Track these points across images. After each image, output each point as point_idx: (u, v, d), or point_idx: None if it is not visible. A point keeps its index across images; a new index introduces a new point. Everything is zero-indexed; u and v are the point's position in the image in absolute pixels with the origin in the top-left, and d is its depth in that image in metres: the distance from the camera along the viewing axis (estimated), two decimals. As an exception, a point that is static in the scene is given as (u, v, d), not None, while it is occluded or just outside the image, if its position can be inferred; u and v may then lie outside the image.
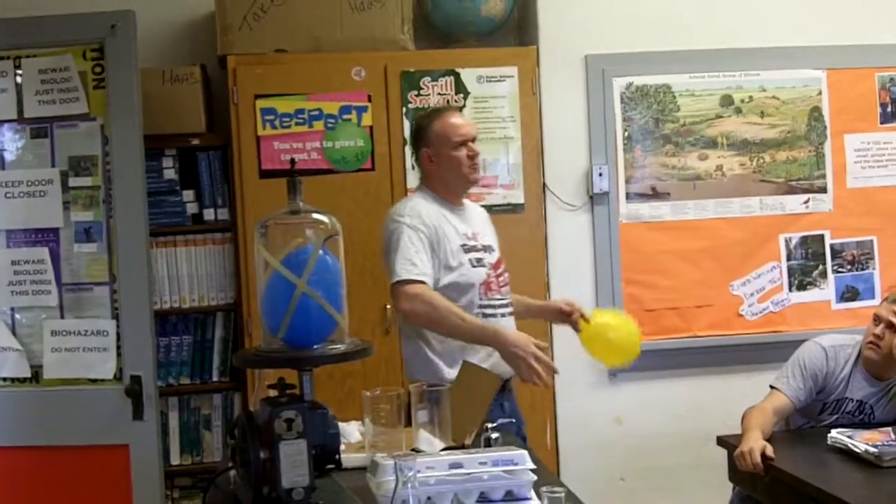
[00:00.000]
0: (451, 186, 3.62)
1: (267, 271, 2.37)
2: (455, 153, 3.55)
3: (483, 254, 3.58)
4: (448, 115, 3.66)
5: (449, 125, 3.58)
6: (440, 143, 3.56)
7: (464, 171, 3.57)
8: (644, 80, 4.80)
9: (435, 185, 3.62)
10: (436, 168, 3.59)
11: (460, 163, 3.56)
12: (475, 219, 3.71)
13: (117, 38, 3.92)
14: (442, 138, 3.56)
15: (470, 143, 3.58)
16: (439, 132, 3.57)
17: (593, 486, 4.54)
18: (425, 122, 3.65)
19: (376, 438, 2.75)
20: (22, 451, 3.99)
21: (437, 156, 3.57)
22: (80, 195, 4.00)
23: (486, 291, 3.53)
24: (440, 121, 3.60)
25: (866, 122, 4.93)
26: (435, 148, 3.57)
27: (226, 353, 4.62)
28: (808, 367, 3.86)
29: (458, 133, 3.57)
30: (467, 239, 3.55)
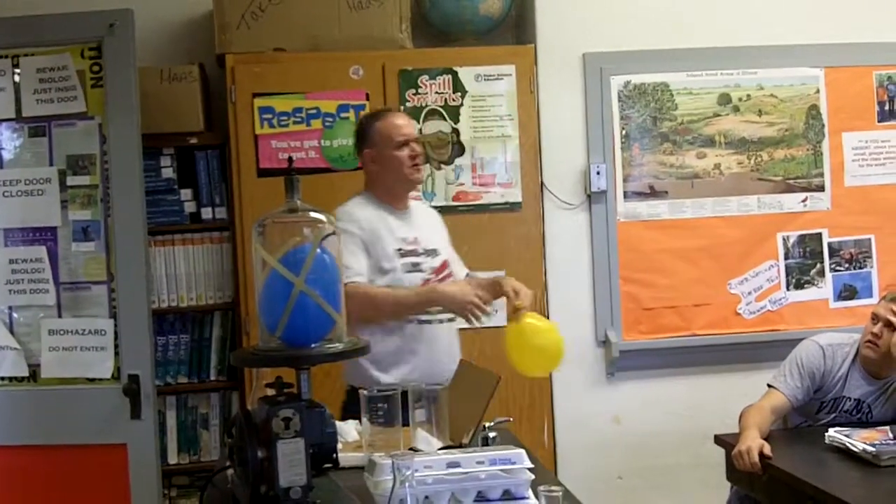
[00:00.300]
0: (393, 188, 3.60)
1: (265, 270, 2.37)
2: (397, 153, 3.55)
3: (422, 258, 3.57)
4: (390, 115, 3.65)
5: (391, 125, 3.57)
6: (382, 144, 3.56)
7: (405, 172, 3.56)
8: (642, 79, 4.80)
9: (377, 187, 3.61)
10: (378, 169, 3.58)
11: (402, 163, 3.55)
12: (421, 222, 3.69)
13: (115, 37, 3.91)
14: (384, 139, 3.56)
15: (412, 143, 3.58)
16: (381, 132, 3.56)
17: (591, 486, 4.55)
18: (367, 122, 3.65)
19: (374, 437, 2.75)
20: (20, 450, 3.98)
21: (380, 156, 3.57)
22: (78, 194, 3.99)
23: None
24: (382, 121, 3.60)
25: (864, 120, 4.93)
26: (377, 148, 3.57)
27: (223, 352, 4.62)
28: (805, 366, 3.86)
29: (400, 133, 3.56)
30: (405, 244, 3.54)
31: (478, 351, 4.47)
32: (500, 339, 4.47)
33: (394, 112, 3.76)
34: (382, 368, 3.45)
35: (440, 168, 4.55)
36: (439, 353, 3.52)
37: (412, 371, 3.42)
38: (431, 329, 3.53)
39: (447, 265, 3.66)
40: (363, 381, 3.34)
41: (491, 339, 4.50)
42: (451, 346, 3.63)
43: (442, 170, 4.55)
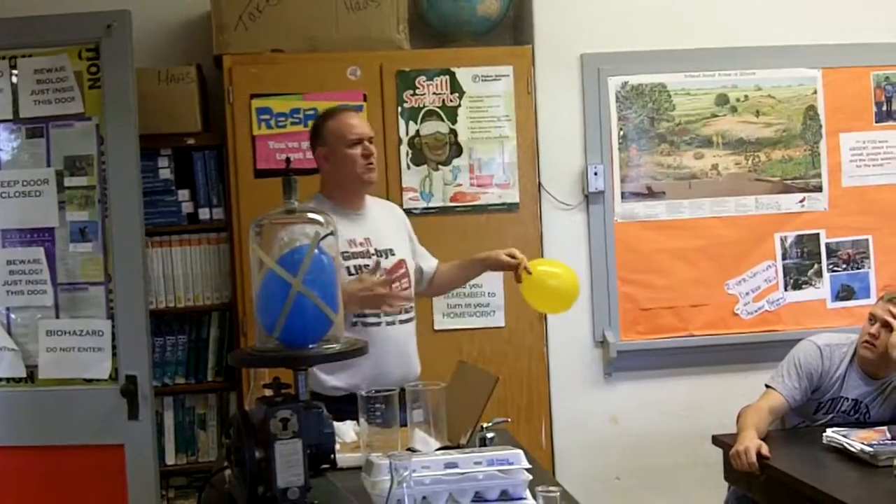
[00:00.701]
0: (345, 187, 3.55)
1: (262, 271, 2.37)
2: (349, 151, 3.49)
3: (370, 260, 3.48)
4: (344, 114, 3.60)
5: (344, 124, 3.53)
6: (335, 142, 3.51)
7: (358, 171, 3.50)
8: (639, 80, 4.80)
9: (330, 188, 3.57)
10: (330, 168, 3.53)
11: (354, 161, 3.49)
12: (377, 222, 3.63)
13: (113, 38, 3.92)
14: (336, 137, 3.51)
15: (366, 143, 3.53)
16: (334, 131, 3.52)
17: (589, 486, 4.55)
18: (321, 121, 3.59)
19: (371, 438, 2.75)
20: (17, 450, 3.98)
21: (332, 155, 3.52)
22: (76, 195, 3.99)
23: None
24: (335, 120, 3.54)
25: (861, 120, 4.93)
26: (330, 147, 3.52)
27: (221, 352, 4.62)
28: (803, 366, 3.86)
29: (353, 132, 3.51)
30: (352, 245, 3.47)
31: (477, 351, 4.49)
32: (499, 339, 4.51)
33: (348, 111, 3.68)
34: (329, 371, 3.38)
35: (438, 169, 4.54)
36: (387, 357, 3.43)
37: (355, 374, 3.35)
38: (379, 332, 3.45)
39: (403, 265, 3.58)
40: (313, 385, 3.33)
41: (490, 338, 4.53)
42: (403, 349, 3.55)
43: (439, 171, 4.54)
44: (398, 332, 3.52)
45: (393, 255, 3.57)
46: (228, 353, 4.59)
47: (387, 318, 3.48)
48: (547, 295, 3.62)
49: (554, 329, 4.70)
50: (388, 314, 3.48)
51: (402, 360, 3.50)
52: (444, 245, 4.35)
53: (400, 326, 3.53)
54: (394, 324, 3.50)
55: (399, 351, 3.51)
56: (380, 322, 3.47)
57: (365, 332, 3.40)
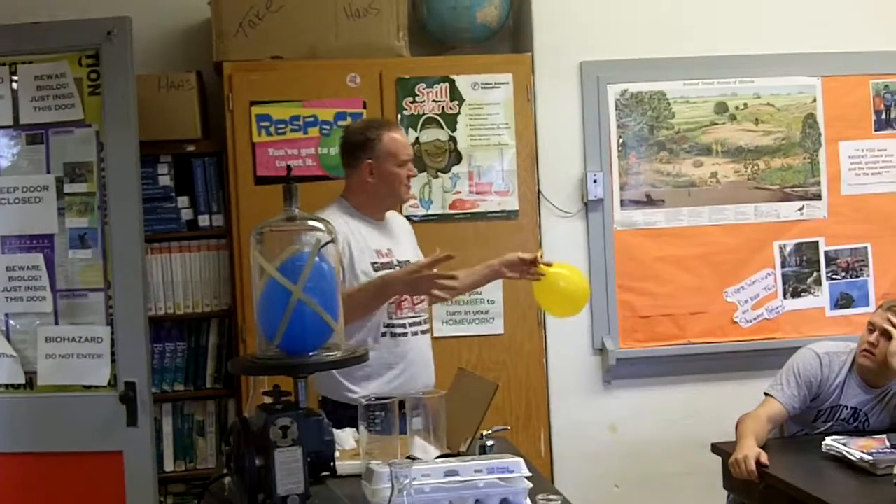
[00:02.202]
0: (381, 201, 3.60)
1: (263, 278, 2.37)
2: (397, 170, 3.53)
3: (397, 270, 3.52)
4: (394, 129, 3.63)
5: (398, 142, 3.55)
6: (385, 159, 3.52)
7: (401, 189, 3.56)
8: (639, 87, 4.80)
9: (361, 198, 3.58)
10: (374, 182, 3.54)
11: (401, 181, 3.54)
12: (395, 231, 3.68)
13: (113, 45, 3.92)
14: (389, 154, 3.52)
15: (410, 164, 3.59)
16: (388, 147, 3.52)
17: (588, 494, 4.55)
18: (372, 134, 3.57)
19: (371, 446, 2.75)
20: (16, 457, 3.98)
21: (379, 170, 3.53)
22: (76, 201, 4.00)
23: (396, 310, 3.50)
24: (389, 135, 3.55)
25: (861, 129, 4.93)
26: (379, 162, 3.52)
27: (220, 359, 4.61)
28: (802, 375, 3.86)
29: (406, 152, 3.57)
30: (380, 256, 3.51)
31: (476, 358, 4.49)
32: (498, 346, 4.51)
33: (397, 127, 3.75)
34: (354, 381, 3.41)
35: (437, 176, 4.55)
36: (414, 366, 3.51)
37: (387, 384, 3.40)
38: (407, 342, 3.52)
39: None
40: (334, 393, 3.38)
41: (489, 346, 4.52)
42: (427, 357, 3.62)
43: (439, 178, 4.54)
44: (422, 341, 3.60)
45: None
46: (228, 360, 4.58)
47: (412, 329, 3.54)
48: (556, 297, 3.65)
49: (553, 337, 4.70)
50: (417, 324, 3.54)
51: (426, 369, 3.57)
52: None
53: (422, 336, 3.60)
54: (417, 334, 3.56)
55: (423, 359, 3.58)
56: (406, 332, 3.52)
57: (394, 342, 3.48)
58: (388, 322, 3.49)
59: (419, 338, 3.58)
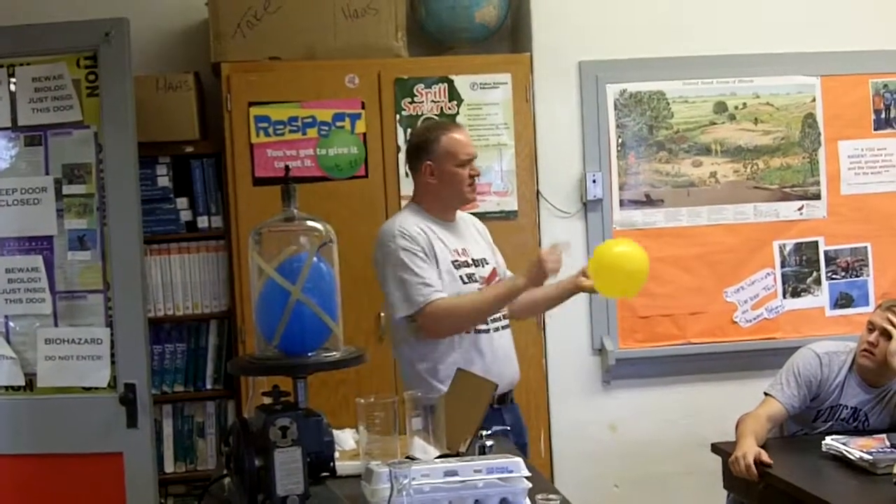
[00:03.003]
0: (446, 203, 3.63)
1: (261, 279, 2.37)
2: (458, 170, 3.56)
3: (474, 268, 3.59)
4: (456, 130, 3.66)
5: (457, 142, 3.58)
6: (445, 159, 3.56)
7: (463, 190, 3.59)
8: (638, 87, 4.80)
9: (428, 200, 3.62)
10: (436, 183, 3.58)
11: (462, 181, 3.57)
12: (467, 232, 3.72)
13: (111, 46, 3.92)
14: (448, 154, 3.56)
15: (472, 163, 3.60)
16: (446, 147, 3.56)
17: (587, 494, 4.55)
18: (432, 135, 3.62)
19: (371, 446, 2.75)
20: (16, 459, 3.98)
21: (440, 171, 3.56)
22: (74, 203, 3.99)
23: None
24: (448, 135, 3.59)
25: (860, 128, 4.93)
26: (438, 163, 3.56)
27: (220, 360, 4.61)
28: (802, 374, 3.86)
29: (465, 151, 3.58)
30: (458, 255, 3.56)
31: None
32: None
33: (458, 127, 3.76)
34: (440, 380, 3.44)
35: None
36: (497, 361, 3.54)
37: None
38: (489, 338, 3.55)
39: (496, 274, 3.68)
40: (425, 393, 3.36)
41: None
42: (509, 352, 3.66)
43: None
44: (504, 337, 3.63)
45: (487, 264, 3.68)
46: (227, 361, 4.58)
47: (493, 325, 3.57)
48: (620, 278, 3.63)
49: (552, 337, 4.70)
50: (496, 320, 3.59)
51: (509, 364, 3.61)
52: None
53: (503, 332, 3.64)
54: (499, 329, 3.60)
55: (506, 354, 3.62)
56: (488, 329, 3.55)
57: (478, 339, 3.53)
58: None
59: (501, 333, 3.61)
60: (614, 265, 3.59)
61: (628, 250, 3.66)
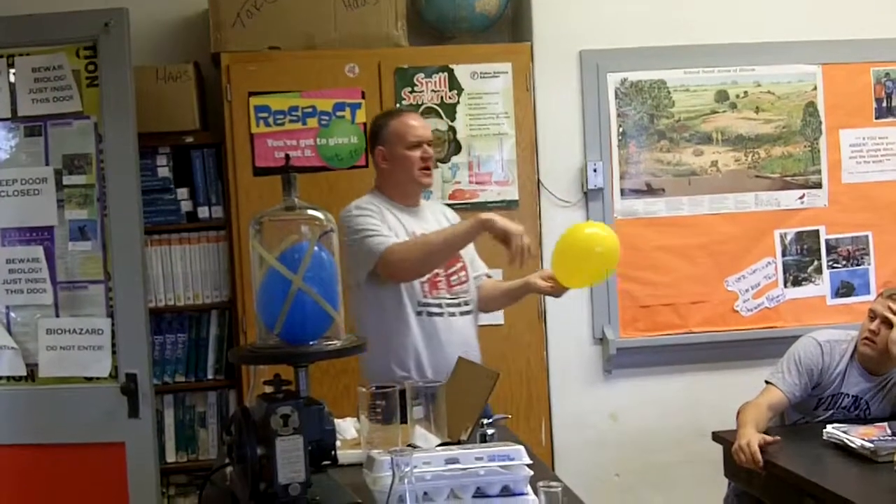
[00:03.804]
0: (402, 187, 3.61)
1: (262, 268, 2.37)
2: (409, 153, 3.55)
3: None
4: (405, 115, 3.67)
5: (405, 125, 3.58)
6: (395, 143, 3.57)
7: (414, 173, 3.56)
8: (639, 76, 4.80)
9: (386, 185, 3.62)
10: (388, 167, 3.59)
11: (413, 163, 3.55)
12: (432, 218, 3.69)
13: (110, 37, 3.91)
14: (397, 137, 3.56)
15: (425, 146, 3.58)
16: (395, 131, 3.57)
17: (588, 483, 4.55)
18: (382, 120, 3.66)
19: (372, 435, 2.75)
20: (18, 449, 3.98)
21: (391, 155, 3.57)
22: (75, 193, 3.99)
23: (430, 290, 3.52)
24: (397, 120, 3.61)
25: (861, 117, 4.93)
26: (389, 147, 3.57)
27: (221, 350, 4.62)
28: (803, 363, 3.86)
29: (414, 133, 3.57)
30: (414, 237, 3.53)
31: (477, 348, 4.47)
32: (498, 336, 4.50)
33: (410, 112, 3.77)
34: (400, 365, 3.44)
35: (436, 166, 4.53)
36: (452, 346, 3.48)
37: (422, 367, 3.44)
38: (445, 322, 3.52)
39: (460, 259, 3.64)
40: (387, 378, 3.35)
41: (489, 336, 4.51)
42: (467, 339, 3.61)
43: (438, 168, 4.54)
44: (461, 322, 3.58)
45: None
46: (228, 351, 4.59)
47: (448, 310, 3.54)
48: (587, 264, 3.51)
49: (553, 326, 4.70)
50: (455, 305, 3.55)
51: (466, 350, 3.53)
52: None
53: (461, 318, 3.59)
54: (455, 315, 3.57)
55: (463, 341, 3.56)
56: (443, 313, 3.53)
57: (430, 321, 3.50)
58: (424, 301, 3.51)
59: (457, 319, 3.57)
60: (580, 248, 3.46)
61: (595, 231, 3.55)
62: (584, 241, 3.47)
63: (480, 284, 3.76)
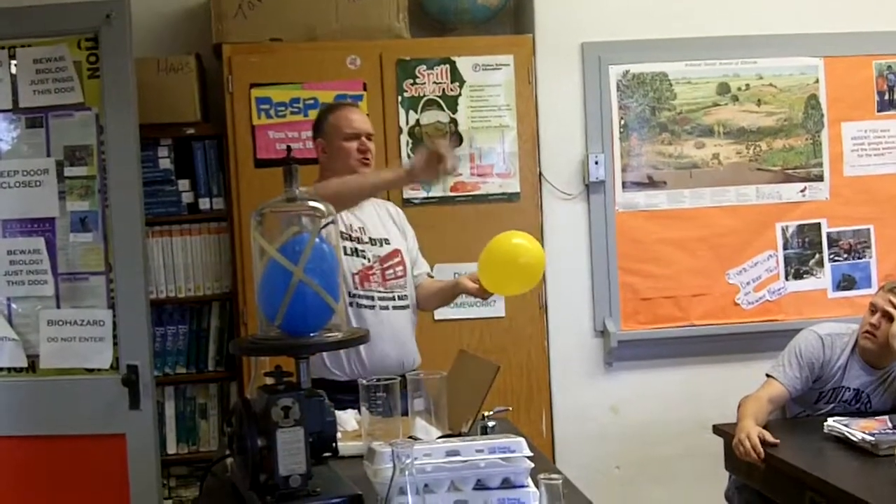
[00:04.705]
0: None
1: (263, 259, 2.37)
2: (345, 144, 3.56)
3: (367, 246, 3.56)
4: (345, 108, 3.70)
5: (343, 118, 3.60)
6: (332, 135, 3.58)
7: (351, 164, 3.55)
8: (640, 68, 4.79)
9: (326, 177, 3.59)
10: (326, 159, 3.61)
11: (349, 154, 3.56)
12: (373, 213, 3.68)
13: (112, 28, 3.91)
14: (334, 130, 3.58)
15: (363, 139, 3.59)
16: (333, 123, 3.59)
17: (589, 475, 4.55)
18: (322, 114, 3.69)
19: (373, 427, 2.75)
20: (19, 440, 3.99)
21: (329, 146, 3.59)
22: (76, 185, 3.99)
23: (361, 282, 3.51)
24: (335, 113, 3.63)
25: (863, 110, 4.92)
26: (327, 139, 3.60)
27: (222, 342, 4.62)
28: (804, 356, 3.86)
29: (351, 126, 3.58)
30: (350, 230, 3.53)
31: (477, 341, 4.49)
32: (499, 328, 4.50)
33: (349, 106, 3.79)
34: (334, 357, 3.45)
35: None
36: (382, 342, 3.44)
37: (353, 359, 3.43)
38: (374, 314, 3.50)
39: (398, 254, 3.63)
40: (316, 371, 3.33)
41: (490, 328, 4.53)
42: (399, 334, 3.56)
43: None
44: (393, 317, 3.55)
45: (388, 244, 3.63)
46: (229, 342, 4.59)
47: (380, 303, 3.53)
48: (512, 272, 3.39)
49: (554, 319, 4.70)
50: (389, 299, 3.53)
51: (398, 346, 3.52)
52: (445, 235, 4.37)
53: (395, 312, 3.56)
54: (387, 308, 3.55)
55: (394, 336, 3.53)
56: (374, 305, 3.51)
57: (359, 313, 3.47)
58: (355, 292, 3.49)
59: (391, 313, 3.55)
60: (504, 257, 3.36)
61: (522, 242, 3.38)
62: (509, 250, 3.36)
63: (420, 283, 3.75)
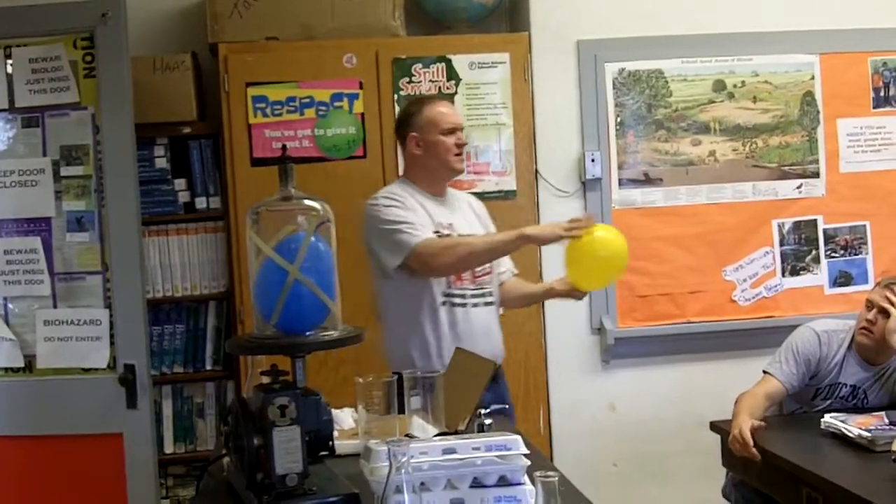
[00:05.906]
0: (434, 174, 3.65)
1: (259, 258, 2.37)
2: (442, 138, 3.59)
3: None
4: (438, 102, 3.72)
5: (439, 112, 3.63)
6: (428, 129, 3.60)
7: (449, 159, 3.61)
8: (636, 66, 4.79)
9: (417, 173, 3.66)
10: (421, 154, 3.62)
11: (447, 149, 3.60)
12: (458, 208, 3.73)
13: (108, 27, 3.91)
14: (431, 124, 3.60)
15: (458, 133, 3.63)
16: (429, 118, 3.61)
17: (586, 472, 4.55)
18: (414, 108, 3.70)
19: (370, 425, 2.75)
20: (16, 440, 3.99)
21: (424, 141, 3.61)
22: (72, 184, 4.00)
23: (455, 280, 3.56)
24: (430, 107, 3.65)
25: (859, 106, 4.93)
26: (423, 133, 3.61)
27: (219, 341, 4.62)
28: (801, 353, 3.86)
29: (448, 120, 3.62)
30: (441, 227, 3.57)
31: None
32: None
33: (442, 100, 3.84)
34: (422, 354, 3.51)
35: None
36: (475, 336, 3.53)
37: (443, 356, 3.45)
38: (465, 312, 3.56)
39: None
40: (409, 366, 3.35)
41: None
42: (489, 329, 3.64)
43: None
44: (484, 312, 3.62)
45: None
46: (226, 341, 4.58)
47: (472, 300, 3.59)
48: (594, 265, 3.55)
49: (551, 316, 4.70)
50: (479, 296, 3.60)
51: (488, 340, 3.59)
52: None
53: (485, 308, 3.63)
54: (478, 305, 3.61)
55: (485, 330, 3.61)
56: (465, 303, 3.57)
57: (452, 312, 3.55)
58: (448, 291, 3.56)
59: (480, 309, 3.61)
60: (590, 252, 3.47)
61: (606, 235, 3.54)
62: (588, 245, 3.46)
63: (504, 280, 3.80)
